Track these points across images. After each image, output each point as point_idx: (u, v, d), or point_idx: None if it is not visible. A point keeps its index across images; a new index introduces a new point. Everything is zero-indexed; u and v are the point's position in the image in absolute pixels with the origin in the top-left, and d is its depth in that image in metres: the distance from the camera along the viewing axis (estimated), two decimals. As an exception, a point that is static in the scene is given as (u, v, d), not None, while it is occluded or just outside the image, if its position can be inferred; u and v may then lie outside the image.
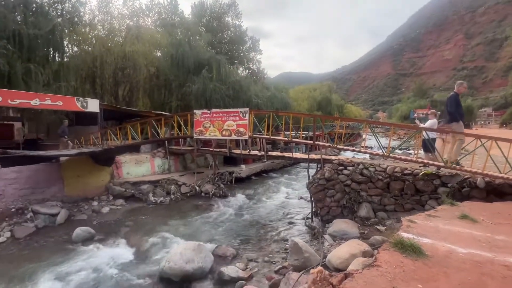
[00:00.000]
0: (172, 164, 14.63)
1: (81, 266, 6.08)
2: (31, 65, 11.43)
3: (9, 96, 9.98)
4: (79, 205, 10.18)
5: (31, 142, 14.66)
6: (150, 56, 20.54)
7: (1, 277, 5.58)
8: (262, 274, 5.64)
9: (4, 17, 10.60)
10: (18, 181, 9.50)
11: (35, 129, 17.29)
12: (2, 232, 7.80)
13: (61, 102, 11.51)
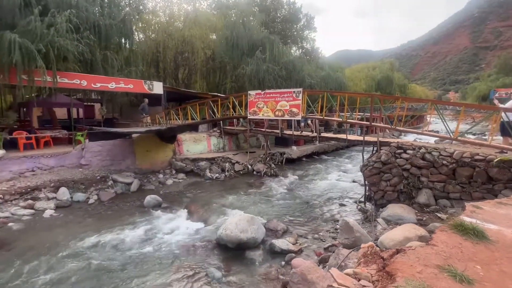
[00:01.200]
0: (227, 143, 15.42)
1: (152, 227, 7.05)
2: (107, 52, 12.92)
3: (92, 80, 11.54)
4: (148, 177, 11.53)
5: (108, 120, 16.83)
6: (206, 40, 21.34)
7: (94, 230, 6.81)
8: (311, 250, 5.85)
9: (86, 10, 12.05)
10: (101, 153, 11.15)
11: (111, 110, 19.71)
12: (91, 195, 9.37)
13: (132, 85, 12.89)
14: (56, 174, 9.85)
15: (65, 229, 6.95)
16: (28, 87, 9.74)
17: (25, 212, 7.81)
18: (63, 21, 10.12)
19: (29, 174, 9.49)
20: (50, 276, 4.90)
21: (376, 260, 2.45)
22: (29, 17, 9.49)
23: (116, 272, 5.08)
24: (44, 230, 6.92)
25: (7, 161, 9.15)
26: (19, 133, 10.49)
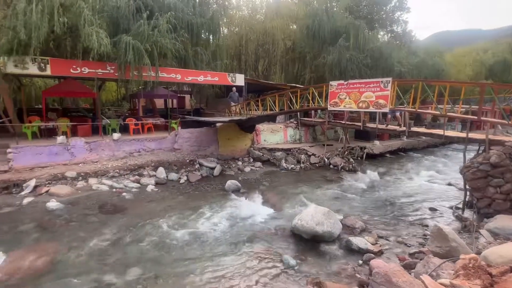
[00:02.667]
0: (303, 134, 15.31)
1: (231, 209, 7.61)
2: (198, 48, 14.26)
3: (185, 74, 12.96)
4: (229, 163, 12.43)
5: (196, 110, 18.69)
6: (287, 30, 21.33)
7: (183, 206, 7.78)
8: (393, 253, 5.40)
9: (182, 11, 13.50)
10: (190, 140, 12.52)
11: (199, 100, 21.82)
12: (182, 176, 10.67)
13: (218, 78, 13.95)
14: (155, 155, 11.55)
15: (162, 203, 8.15)
16: (137, 81, 11.57)
17: (134, 185, 9.45)
18: (164, 23, 11.57)
19: (136, 154, 11.39)
20: (149, 239, 5.87)
21: (481, 275, 2.12)
22: (139, 21, 11.17)
23: (197, 247, 5.71)
24: (147, 201, 8.26)
25: (121, 143, 11.17)
26: (130, 120, 12.62)
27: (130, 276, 4.69)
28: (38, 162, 9.46)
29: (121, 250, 5.49)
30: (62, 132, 10.83)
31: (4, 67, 8.97)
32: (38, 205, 7.55)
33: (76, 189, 8.80)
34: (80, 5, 9.54)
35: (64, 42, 10.42)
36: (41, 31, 8.74)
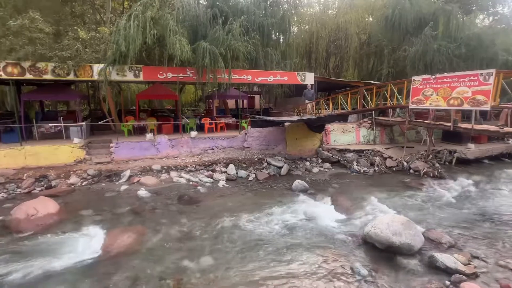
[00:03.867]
0: (378, 135, 14.11)
1: (298, 209, 7.50)
2: (268, 49, 14.51)
3: (255, 75, 13.35)
4: (296, 163, 12.30)
5: (265, 110, 19.08)
6: (362, 23, 19.99)
7: (251, 203, 8.03)
8: (492, 278, 4.53)
9: (254, 14, 13.95)
10: (259, 139, 12.84)
11: (267, 100, 22.24)
12: (251, 173, 11.02)
13: (287, 77, 13.95)
14: (227, 153, 12.22)
15: (232, 198, 8.57)
16: (213, 83, 12.41)
17: (207, 180, 10.18)
18: (237, 27, 12.13)
19: (210, 151, 12.25)
20: (220, 231, 6.23)
21: None
22: (215, 27, 11.96)
23: (264, 244, 5.79)
24: (218, 196, 8.80)
25: (198, 140, 12.17)
26: (205, 119, 13.65)
27: (203, 264, 5.07)
28: (132, 156, 11.05)
29: (196, 239, 5.98)
30: (150, 130, 12.40)
31: (109, 75, 10.74)
32: (131, 192, 8.81)
33: (160, 180, 9.95)
34: (167, 18, 10.74)
35: (153, 51, 11.90)
36: (136, 43, 10.17)
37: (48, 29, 9.89)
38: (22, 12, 9.97)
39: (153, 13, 10.71)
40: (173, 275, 4.79)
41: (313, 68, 20.28)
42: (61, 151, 10.16)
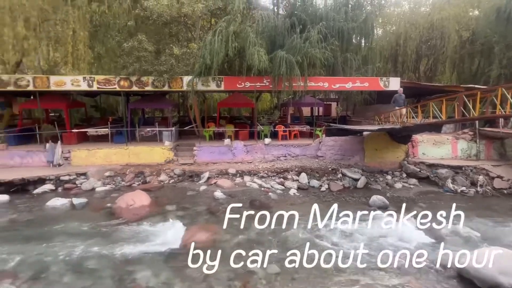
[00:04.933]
0: (483, 149, 11.78)
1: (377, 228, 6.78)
2: (347, 54, 13.84)
3: (332, 82, 12.88)
4: (375, 176, 11.27)
5: (342, 118, 18.16)
6: (463, 19, 17.23)
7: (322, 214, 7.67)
8: None
9: (333, 20, 13.55)
10: (334, 148, 12.28)
11: (345, 108, 21.15)
12: (323, 184, 10.60)
13: (367, 83, 13.00)
14: (299, 161, 12.06)
15: (302, 207, 8.37)
16: (288, 91, 12.51)
17: (279, 187, 10.23)
18: (315, 34, 11.97)
19: (283, 159, 12.31)
20: (289, 239, 6.13)
21: None
22: (293, 36, 12.07)
23: (334, 262, 5.40)
24: (289, 204, 8.73)
25: (271, 147, 12.38)
26: (279, 127, 13.81)
27: (270, 271, 5.06)
28: (211, 159, 11.97)
29: (264, 244, 6.03)
30: (228, 136, 13.23)
31: (196, 86, 11.97)
32: (209, 193, 9.52)
33: (235, 183, 10.47)
34: (247, 31, 11.38)
35: (234, 62, 12.74)
36: (219, 56, 11.07)
37: (150, 48, 11.67)
38: (133, 35, 12.04)
39: (235, 27, 11.50)
40: (240, 277, 4.93)
41: (399, 73, 18.39)
42: (155, 152, 11.76)
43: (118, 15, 12.61)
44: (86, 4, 12.08)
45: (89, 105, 19.00)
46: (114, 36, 12.72)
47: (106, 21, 12.78)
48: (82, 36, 12.01)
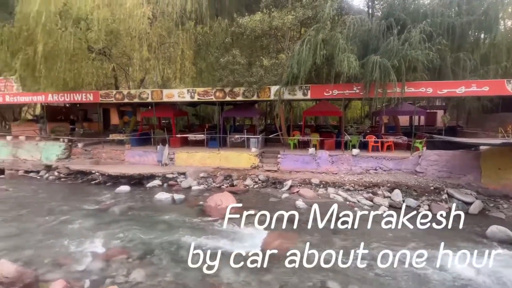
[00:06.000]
0: None
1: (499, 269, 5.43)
2: (460, 54, 11.75)
3: (438, 87, 11.10)
4: (496, 201, 9.10)
5: (451, 129, 15.42)
6: None
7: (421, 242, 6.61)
8: None
9: (441, 15, 11.75)
10: (438, 163, 10.53)
11: (455, 117, 17.90)
12: (422, 204, 9.18)
13: (488, 87, 10.68)
14: (392, 176, 10.80)
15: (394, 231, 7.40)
16: (381, 98, 11.46)
17: (366, 203, 9.38)
18: (416, 34, 10.64)
19: (372, 172, 11.27)
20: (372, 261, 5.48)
21: None
22: (389, 38, 11.03)
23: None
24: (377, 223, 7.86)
25: (359, 159, 11.52)
26: (370, 137, 12.73)
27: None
28: (295, 167, 11.95)
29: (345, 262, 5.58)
30: (313, 144, 12.98)
31: (283, 95, 12.24)
32: (290, 201, 9.50)
33: (317, 194, 10.14)
34: (337, 37, 11.01)
35: (321, 70, 12.50)
36: (307, 65, 11.05)
37: (243, 61, 12.61)
38: (229, 51, 13.27)
39: (324, 34, 11.29)
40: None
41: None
42: (242, 157, 12.53)
43: (217, 33, 14.15)
44: (192, 27, 14.02)
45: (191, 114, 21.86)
46: (213, 52, 14.30)
47: (207, 40, 14.52)
48: (188, 55, 13.98)
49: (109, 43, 14.01)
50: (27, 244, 6.80)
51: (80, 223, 7.97)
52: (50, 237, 7.08)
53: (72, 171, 13.06)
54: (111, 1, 12.65)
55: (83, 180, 12.58)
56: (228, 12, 15.00)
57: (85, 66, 13.44)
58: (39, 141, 15.37)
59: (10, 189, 11.83)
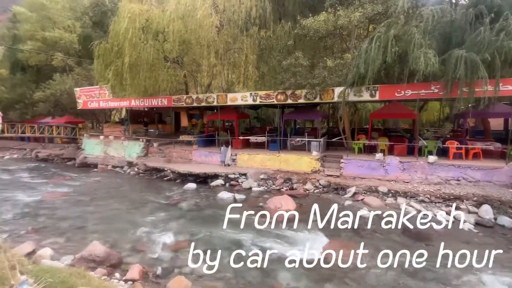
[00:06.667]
0: None
1: None
2: None
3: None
4: None
5: None
6: None
7: None
8: None
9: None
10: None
11: None
12: (521, 224, 7.63)
13: None
14: (480, 188, 9.27)
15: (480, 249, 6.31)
16: (467, 98, 9.96)
17: (445, 217, 8.20)
18: (516, 21, 8.97)
19: (454, 183, 9.86)
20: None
21: None
22: (479, 28, 9.53)
23: None
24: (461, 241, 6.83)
25: (437, 167, 10.20)
26: (451, 142, 11.16)
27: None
28: (359, 173, 11.21)
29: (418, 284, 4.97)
30: (381, 149, 11.99)
31: (347, 96, 11.62)
32: (354, 209, 8.90)
33: (385, 203, 9.32)
34: (411, 32, 9.99)
35: (392, 69, 11.47)
36: (375, 64, 10.27)
37: (305, 63, 12.41)
38: (291, 53, 13.22)
39: (397, 30, 10.36)
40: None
41: None
42: (302, 160, 12.30)
43: (280, 37, 14.24)
44: (256, 32, 14.39)
45: (253, 116, 22.45)
46: (276, 56, 14.43)
47: (270, 44, 14.72)
48: (252, 59, 14.40)
49: (181, 53, 15.37)
50: (113, 229, 7.85)
51: (154, 214, 8.86)
52: (130, 224, 8.04)
53: (149, 168, 14.66)
54: (184, 13, 13.85)
55: (157, 176, 14.01)
56: (292, 14, 14.95)
57: (161, 74, 15.03)
58: (124, 140, 17.69)
59: (101, 181, 13.89)
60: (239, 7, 13.76)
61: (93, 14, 26.13)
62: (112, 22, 15.35)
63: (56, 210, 9.57)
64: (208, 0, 13.77)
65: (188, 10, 13.71)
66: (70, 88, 21.59)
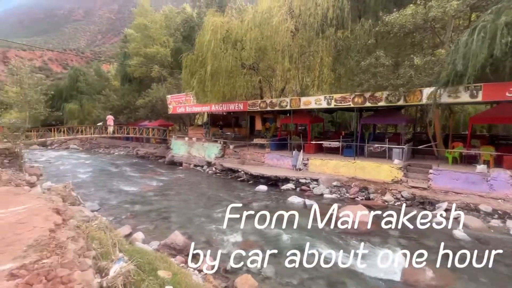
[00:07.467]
0: None
1: None
2: None
3: None
4: None
5: None
6: None
7: None
8: None
9: None
10: None
11: None
12: None
13: None
14: None
15: None
16: None
17: None
18: None
19: None
20: None
21: None
22: None
23: None
24: None
25: None
26: None
27: None
28: (453, 187, 9.60)
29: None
30: (484, 160, 10.02)
31: (439, 98, 10.10)
32: (444, 229, 7.65)
33: (488, 226, 7.73)
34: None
35: (502, 64, 9.47)
36: (478, 59, 8.66)
37: (388, 63, 11.33)
38: (372, 53, 12.26)
39: (509, 17, 8.52)
40: None
41: None
42: (382, 169, 11.24)
43: (359, 36, 13.38)
44: (332, 33, 13.88)
45: (327, 120, 21.68)
46: (353, 56, 13.61)
47: (348, 44, 13.98)
48: (327, 62, 13.93)
49: (257, 59, 15.96)
50: (191, 221, 8.64)
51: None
52: (206, 219, 8.71)
53: (224, 168, 15.66)
54: (261, 21, 14.38)
55: (231, 177, 14.84)
56: (373, 11, 13.90)
57: (238, 80, 15.92)
58: (204, 142, 19.36)
59: (184, 178, 15.49)
60: (315, 9, 13.51)
61: (184, 29, 29.56)
62: (198, 35, 17.06)
63: (149, 200, 11.09)
64: (284, 7, 13.96)
65: (264, 18, 14.18)
66: (163, 95, 24.85)
